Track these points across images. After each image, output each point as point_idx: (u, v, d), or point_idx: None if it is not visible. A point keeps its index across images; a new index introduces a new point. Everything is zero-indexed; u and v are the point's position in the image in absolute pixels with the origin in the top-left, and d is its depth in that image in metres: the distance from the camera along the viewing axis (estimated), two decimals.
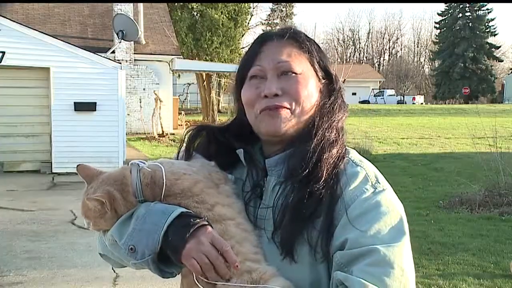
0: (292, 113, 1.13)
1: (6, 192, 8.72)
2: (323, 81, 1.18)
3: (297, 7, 62.23)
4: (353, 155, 1.16)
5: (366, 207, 1.05)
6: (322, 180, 1.08)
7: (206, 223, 1.04)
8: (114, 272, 4.97)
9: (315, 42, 1.21)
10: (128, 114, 15.86)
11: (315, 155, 1.10)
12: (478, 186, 8.15)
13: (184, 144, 1.27)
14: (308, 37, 1.19)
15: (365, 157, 1.19)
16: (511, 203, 7.48)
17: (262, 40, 1.18)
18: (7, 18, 10.49)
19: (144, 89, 18.28)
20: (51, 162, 10.62)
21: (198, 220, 1.03)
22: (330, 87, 1.19)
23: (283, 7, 47.34)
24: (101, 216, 1.09)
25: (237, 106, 1.24)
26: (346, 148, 1.17)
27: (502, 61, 56.08)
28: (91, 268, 5.07)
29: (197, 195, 1.09)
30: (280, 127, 1.12)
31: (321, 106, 1.16)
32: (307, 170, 1.08)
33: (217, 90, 27.18)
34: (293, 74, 1.13)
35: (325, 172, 1.08)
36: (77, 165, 1.15)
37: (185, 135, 1.27)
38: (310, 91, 1.14)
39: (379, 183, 1.11)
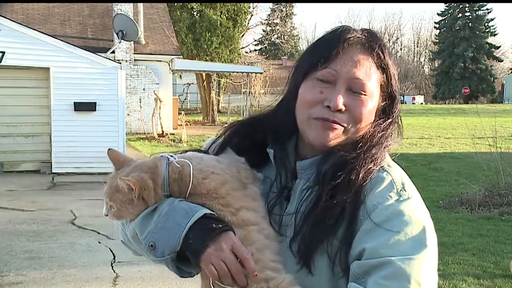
0: (345, 132, 1.08)
1: (6, 192, 8.72)
2: (383, 103, 1.13)
3: (297, 7, 62.21)
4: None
5: (387, 215, 1.02)
6: (351, 193, 1.04)
7: (229, 228, 1.01)
8: (114, 272, 4.97)
9: (394, 60, 1.15)
10: (128, 114, 15.86)
11: (349, 166, 1.06)
12: (478, 186, 8.15)
13: (222, 138, 1.22)
14: (390, 54, 1.14)
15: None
16: (511, 203, 7.47)
17: (345, 42, 1.09)
18: (7, 18, 10.48)
19: (144, 89, 18.28)
20: (51, 162, 10.62)
21: (221, 225, 1.00)
22: (389, 109, 1.14)
23: (283, 7, 47.41)
24: (129, 202, 1.05)
25: (287, 92, 1.17)
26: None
27: (502, 61, 56.10)
28: (91, 268, 5.07)
29: (223, 197, 1.06)
30: (329, 142, 1.08)
31: (375, 125, 1.11)
32: (339, 180, 1.05)
33: (217, 90, 27.19)
34: (362, 95, 1.08)
35: (356, 185, 1.05)
36: (108, 149, 1.13)
37: (227, 130, 1.22)
38: (371, 112, 1.10)
39: (405, 190, 1.07)
